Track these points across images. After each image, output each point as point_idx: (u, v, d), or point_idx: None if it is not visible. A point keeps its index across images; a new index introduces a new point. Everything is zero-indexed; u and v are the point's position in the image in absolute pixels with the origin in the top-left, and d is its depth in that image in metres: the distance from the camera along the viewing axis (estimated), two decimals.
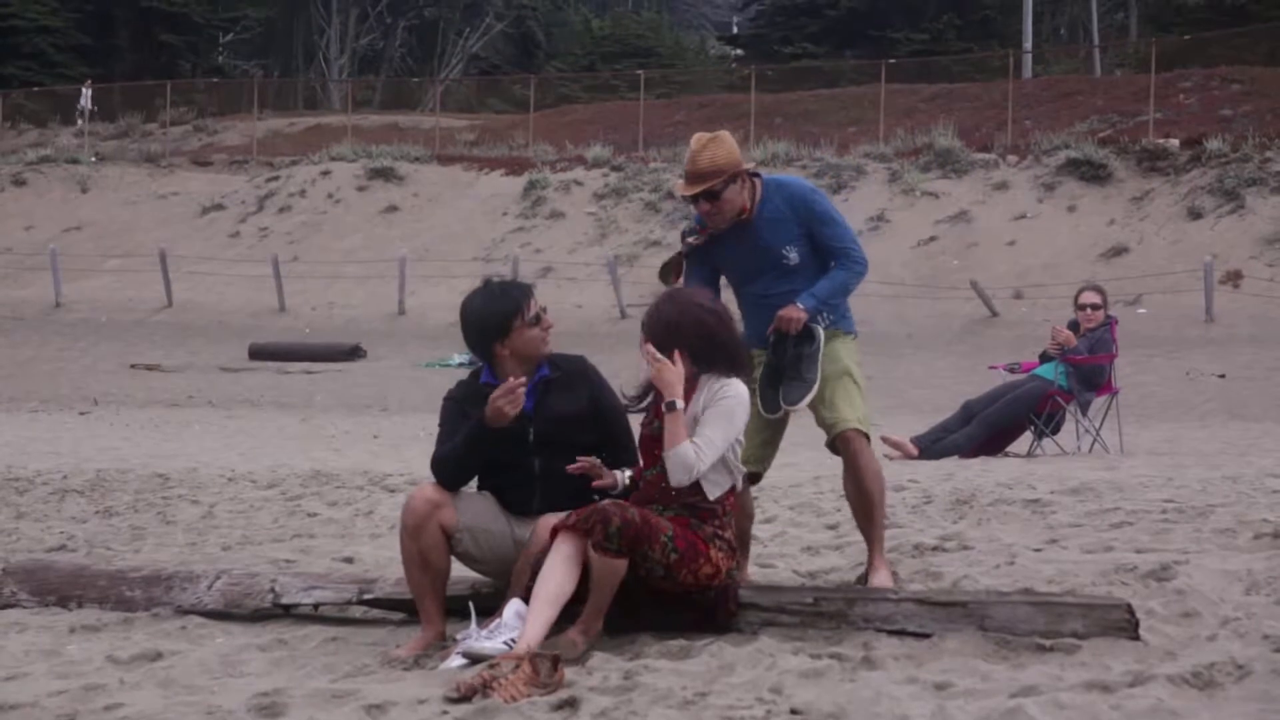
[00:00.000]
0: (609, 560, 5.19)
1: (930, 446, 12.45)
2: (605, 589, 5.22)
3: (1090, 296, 12.96)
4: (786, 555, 7.11)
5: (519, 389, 5.52)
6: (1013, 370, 13.63)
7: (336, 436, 15.89)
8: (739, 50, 62.94)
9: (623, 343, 20.31)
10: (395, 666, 5.27)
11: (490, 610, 5.45)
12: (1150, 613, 5.33)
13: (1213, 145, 32.90)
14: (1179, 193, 32.40)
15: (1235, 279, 28.95)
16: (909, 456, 12.28)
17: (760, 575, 6.48)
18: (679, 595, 5.39)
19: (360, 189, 39.35)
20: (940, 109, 39.69)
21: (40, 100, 51.50)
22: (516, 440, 5.65)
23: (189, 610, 6.11)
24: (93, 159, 43.64)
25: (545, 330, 5.79)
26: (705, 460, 5.39)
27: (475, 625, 5.33)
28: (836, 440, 6.13)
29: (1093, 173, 33.49)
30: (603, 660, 5.06)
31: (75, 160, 43.12)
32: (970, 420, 12.70)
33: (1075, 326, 12.77)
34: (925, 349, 26.51)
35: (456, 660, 5.18)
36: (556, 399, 5.75)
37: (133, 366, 28.23)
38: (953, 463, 11.71)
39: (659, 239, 34.20)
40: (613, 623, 5.33)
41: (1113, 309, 13.48)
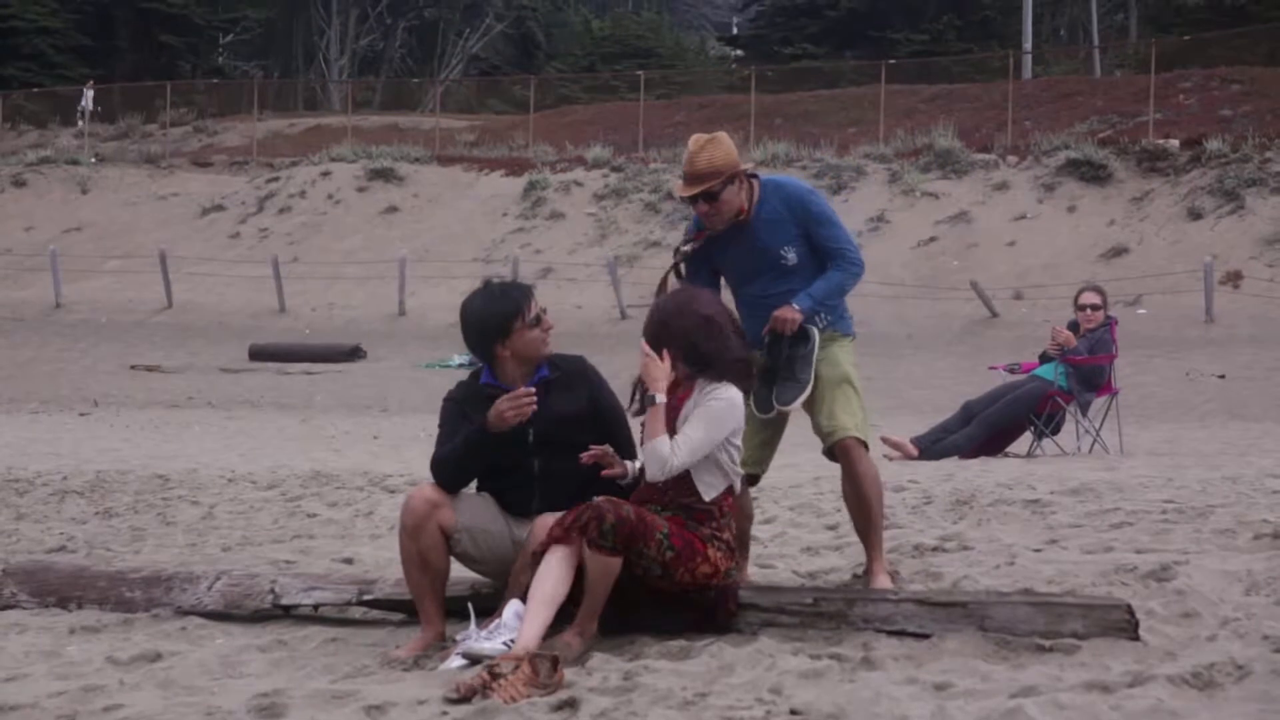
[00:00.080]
0: (603, 558, 5.18)
1: (930, 447, 12.45)
2: (599, 588, 5.21)
3: (1090, 297, 12.96)
4: (786, 556, 7.11)
5: (527, 401, 5.51)
6: (1013, 371, 13.64)
7: (336, 437, 15.89)
8: (739, 51, 62.96)
9: (623, 343, 20.28)
10: (395, 667, 5.27)
11: (489, 611, 5.45)
12: (1150, 613, 5.33)
13: (1213, 146, 32.90)
14: (1179, 193, 32.40)
15: (1235, 279, 28.94)
16: (909, 457, 12.28)
17: (760, 576, 6.47)
18: (678, 595, 5.38)
19: (360, 190, 39.35)
20: (940, 109, 39.67)
21: (40, 101, 51.50)
22: (516, 441, 5.64)
23: (189, 611, 6.12)
24: (93, 160, 43.63)
25: (545, 331, 5.79)
26: (679, 456, 5.36)
27: (475, 626, 5.33)
28: (835, 448, 6.14)
29: (1093, 173, 33.48)
30: (602, 661, 5.06)
31: (75, 161, 43.12)
32: (970, 421, 12.70)
33: (1075, 327, 12.77)
34: (925, 349, 26.50)
35: (456, 661, 5.18)
36: (556, 399, 5.74)
37: (133, 367, 28.22)
38: (953, 463, 11.70)
39: (659, 240, 34.18)
40: (612, 623, 5.33)
41: (1113, 309, 13.48)
